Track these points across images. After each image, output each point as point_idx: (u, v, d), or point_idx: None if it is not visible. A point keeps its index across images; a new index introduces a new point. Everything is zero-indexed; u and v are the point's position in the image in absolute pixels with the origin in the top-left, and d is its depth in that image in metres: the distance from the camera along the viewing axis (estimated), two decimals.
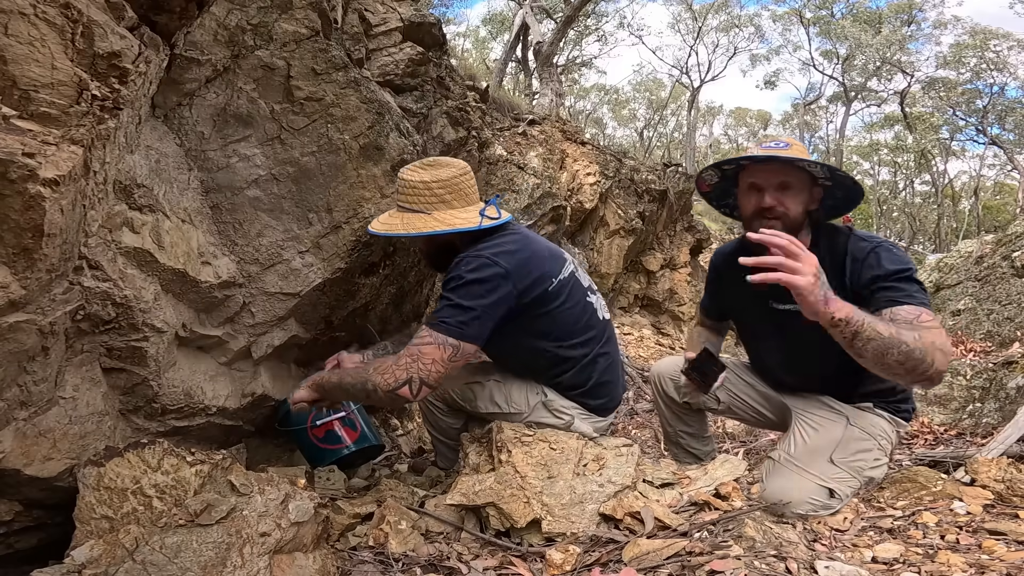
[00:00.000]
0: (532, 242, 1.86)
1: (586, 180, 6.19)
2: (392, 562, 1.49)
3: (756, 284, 1.48)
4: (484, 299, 1.67)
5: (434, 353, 1.64)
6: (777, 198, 1.75)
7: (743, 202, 1.85)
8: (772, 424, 2.14)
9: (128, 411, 1.77)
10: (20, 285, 1.17)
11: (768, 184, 1.76)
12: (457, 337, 1.65)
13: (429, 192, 1.79)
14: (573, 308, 1.87)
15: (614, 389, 2.03)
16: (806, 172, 1.77)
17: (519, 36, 14.23)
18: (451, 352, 1.65)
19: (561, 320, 1.85)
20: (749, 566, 1.20)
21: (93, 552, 1.24)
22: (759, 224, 1.79)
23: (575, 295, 1.89)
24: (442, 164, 1.85)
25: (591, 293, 1.99)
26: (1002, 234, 6.23)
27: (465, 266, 1.69)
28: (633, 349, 6.11)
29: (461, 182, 1.83)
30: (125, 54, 1.20)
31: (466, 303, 1.66)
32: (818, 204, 1.83)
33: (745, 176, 1.84)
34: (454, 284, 1.69)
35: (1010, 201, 25.88)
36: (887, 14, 21.63)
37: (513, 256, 1.73)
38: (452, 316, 1.66)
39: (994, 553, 1.33)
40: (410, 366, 1.64)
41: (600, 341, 1.95)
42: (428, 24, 3.26)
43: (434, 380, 1.66)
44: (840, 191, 1.84)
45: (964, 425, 3.05)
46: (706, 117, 32.34)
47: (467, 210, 1.82)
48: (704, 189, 2.01)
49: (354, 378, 1.73)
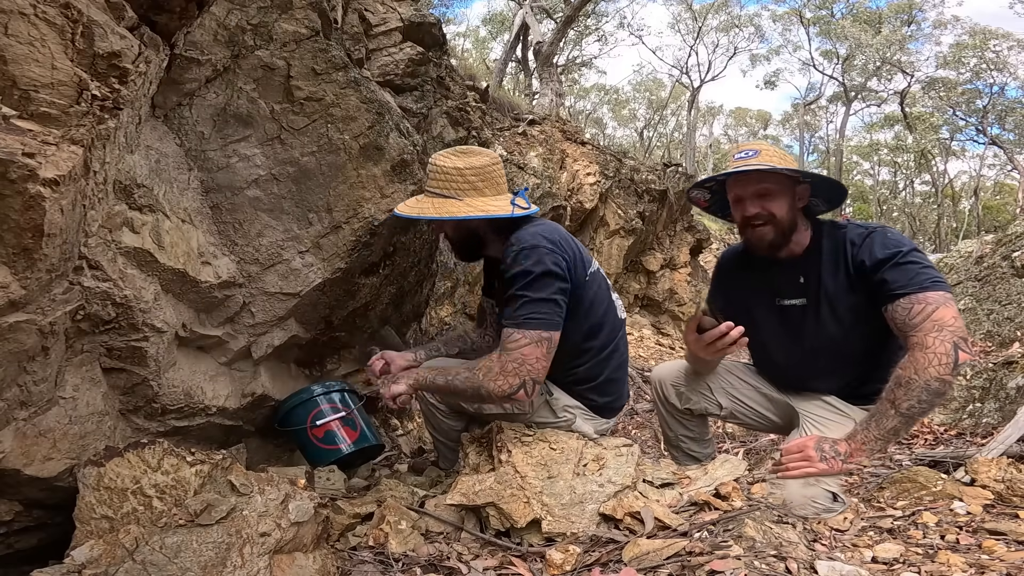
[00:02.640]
0: (564, 231, 1.91)
1: (586, 180, 6.19)
2: (392, 562, 1.49)
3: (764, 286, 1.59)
4: (555, 286, 1.73)
5: (535, 352, 1.70)
6: (759, 205, 1.80)
7: (734, 214, 1.92)
8: (776, 427, 2.13)
9: (128, 411, 1.77)
10: (20, 285, 1.17)
11: (747, 194, 1.81)
12: (548, 328, 1.71)
13: (462, 179, 1.81)
14: (601, 301, 1.92)
15: (622, 388, 2.04)
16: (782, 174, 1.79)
17: (519, 36, 14.24)
18: (547, 345, 1.71)
19: (592, 309, 1.87)
20: (749, 566, 1.20)
21: (93, 552, 1.24)
22: (751, 232, 1.84)
23: (603, 289, 1.95)
24: (475, 152, 1.88)
25: (612, 291, 2.04)
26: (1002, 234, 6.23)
27: (525, 260, 1.72)
28: (633, 349, 6.12)
29: (493, 171, 1.85)
30: (125, 54, 1.20)
31: (543, 295, 1.71)
32: (807, 200, 1.86)
33: (729, 189, 1.90)
34: (524, 280, 1.72)
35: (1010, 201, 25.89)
36: (887, 14, 21.64)
37: (559, 245, 1.78)
38: (536, 311, 1.70)
39: (994, 553, 1.33)
40: (519, 370, 1.69)
41: (615, 339, 1.98)
42: (428, 24, 3.26)
43: (542, 376, 1.73)
44: (824, 183, 1.86)
45: (964, 425, 3.05)
46: (706, 117, 32.35)
47: (498, 199, 1.84)
48: (703, 206, 2.08)
49: (465, 384, 1.76)
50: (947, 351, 1.48)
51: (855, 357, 1.85)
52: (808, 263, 1.85)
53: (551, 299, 1.71)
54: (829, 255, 1.82)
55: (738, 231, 1.93)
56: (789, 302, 1.90)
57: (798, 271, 1.87)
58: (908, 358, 1.53)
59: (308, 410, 2.25)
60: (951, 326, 1.51)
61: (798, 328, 1.90)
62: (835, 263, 1.80)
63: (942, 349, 1.48)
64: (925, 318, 1.53)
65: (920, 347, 1.50)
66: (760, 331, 2.05)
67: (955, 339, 1.50)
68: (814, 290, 1.84)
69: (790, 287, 1.89)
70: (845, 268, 1.76)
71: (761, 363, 2.12)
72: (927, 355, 1.49)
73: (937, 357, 1.48)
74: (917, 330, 1.53)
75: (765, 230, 1.81)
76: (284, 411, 2.27)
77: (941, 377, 1.48)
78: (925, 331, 1.51)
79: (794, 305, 1.89)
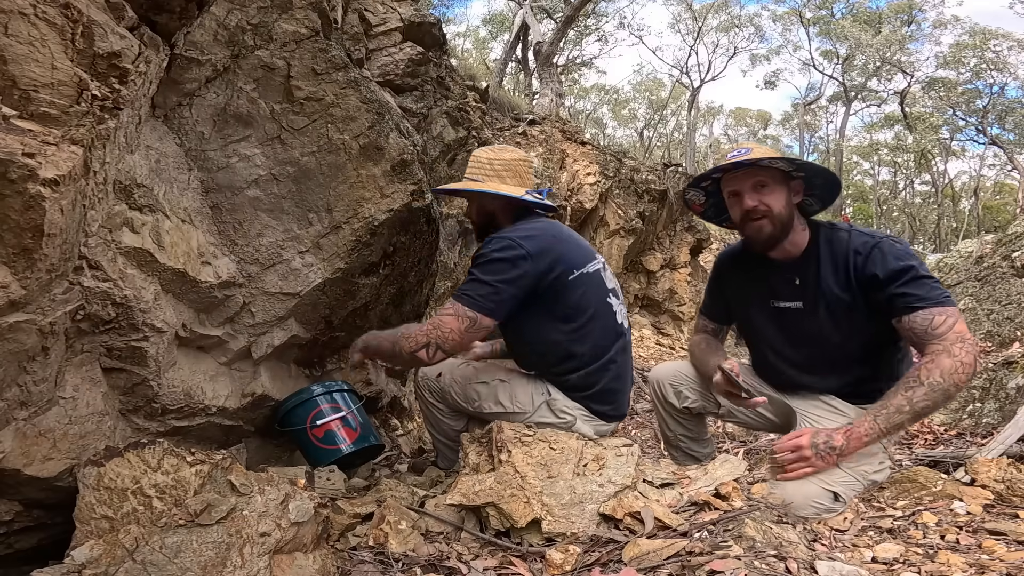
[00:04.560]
0: (560, 232, 1.97)
1: (586, 180, 6.19)
2: (392, 562, 1.49)
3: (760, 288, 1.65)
4: (503, 275, 1.79)
5: (452, 323, 1.79)
6: (757, 198, 1.81)
7: (731, 211, 1.93)
8: (774, 426, 2.13)
9: (128, 411, 1.77)
10: (20, 285, 1.17)
11: (744, 187, 1.83)
12: (475, 309, 1.79)
13: (489, 166, 2.01)
14: (590, 303, 1.92)
15: (621, 398, 2.03)
16: (777, 168, 1.82)
17: (519, 36, 14.24)
18: (468, 324, 1.79)
19: (578, 310, 1.90)
20: (749, 566, 1.20)
21: (93, 552, 1.24)
22: (749, 227, 1.84)
23: (596, 292, 1.95)
24: (508, 149, 2.10)
25: (613, 296, 2.02)
26: (1002, 234, 6.23)
27: (492, 245, 1.83)
28: (633, 349, 6.11)
29: (519, 166, 2.03)
30: (125, 54, 1.20)
31: (486, 278, 1.79)
32: (802, 196, 1.88)
33: (724, 187, 1.91)
34: (480, 261, 1.83)
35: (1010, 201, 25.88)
36: (887, 14, 21.64)
37: (536, 240, 1.84)
38: (473, 290, 1.80)
39: (994, 553, 1.33)
40: (430, 333, 1.80)
41: (613, 347, 1.98)
42: (428, 24, 3.26)
43: (449, 347, 1.82)
44: (817, 179, 1.88)
45: (964, 425, 3.05)
46: (706, 117, 32.35)
47: (517, 189, 2.00)
48: (697, 210, 2.09)
49: (387, 339, 1.91)
50: (971, 361, 1.59)
51: (852, 359, 1.86)
52: (805, 266, 1.86)
53: (493, 284, 1.78)
54: (828, 259, 1.82)
55: (737, 228, 1.93)
56: (784, 304, 1.90)
57: (794, 274, 1.87)
58: (933, 363, 1.59)
59: (308, 410, 2.25)
60: (971, 339, 1.62)
61: (794, 330, 1.90)
62: (835, 268, 1.80)
63: (968, 359, 1.58)
64: (948, 329, 1.61)
65: (947, 354, 1.59)
66: (757, 332, 2.06)
67: (976, 351, 1.62)
68: (811, 293, 1.84)
69: (786, 289, 1.90)
70: (847, 275, 1.77)
71: (758, 364, 2.12)
72: (954, 362, 1.57)
73: (963, 365, 1.58)
74: (942, 339, 1.61)
75: (763, 223, 1.82)
76: (284, 411, 2.27)
77: (961, 384, 1.59)
78: (951, 341, 1.60)
79: (789, 307, 1.90)
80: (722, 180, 1.91)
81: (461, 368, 2.16)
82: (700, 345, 2.17)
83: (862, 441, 1.63)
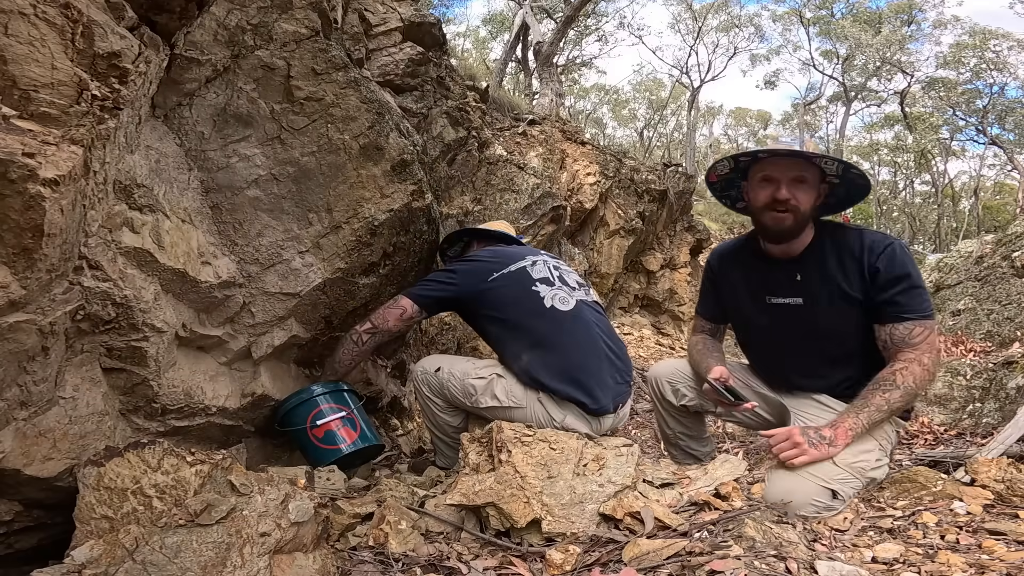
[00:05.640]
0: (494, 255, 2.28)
1: (586, 180, 6.19)
2: (392, 562, 1.49)
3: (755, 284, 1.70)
4: (440, 278, 2.26)
5: (390, 308, 2.23)
6: (791, 191, 1.78)
7: (755, 194, 1.87)
8: (769, 425, 2.13)
9: (128, 411, 1.77)
10: (20, 285, 1.17)
11: (784, 176, 1.80)
12: (408, 297, 2.22)
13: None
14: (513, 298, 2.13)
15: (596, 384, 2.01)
16: (818, 169, 1.81)
17: (519, 36, 14.24)
18: (400, 310, 2.22)
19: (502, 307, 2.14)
20: (749, 566, 1.20)
21: (93, 552, 1.24)
22: (769, 216, 1.81)
23: (517, 286, 2.15)
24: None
25: (543, 284, 2.14)
26: (1002, 234, 6.23)
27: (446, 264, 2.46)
28: (633, 349, 6.12)
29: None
30: (125, 54, 1.20)
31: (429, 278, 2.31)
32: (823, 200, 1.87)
33: (758, 169, 1.86)
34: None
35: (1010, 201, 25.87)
36: (887, 14, 21.63)
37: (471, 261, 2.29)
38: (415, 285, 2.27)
39: (994, 553, 1.33)
40: (373, 315, 2.25)
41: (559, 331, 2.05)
42: (428, 24, 3.26)
43: (380, 326, 2.22)
44: (842, 189, 1.87)
45: (964, 425, 3.05)
46: (706, 117, 32.34)
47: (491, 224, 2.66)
48: (713, 179, 2.04)
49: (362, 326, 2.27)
50: (935, 370, 1.77)
51: (848, 356, 1.86)
52: (806, 263, 1.85)
53: (428, 282, 2.26)
54: (834, 255, 1.81)
55: (753, 214, 1.90)
56: (782, 300, 1.90)
57: (794, 270, 1.87)
58: (907, 369, 1.72)
59: (308, 410, 2.25)
60: (939, 349, 1.80)
61: (790, 327, 1.90)
62: (842, 263, 1.80)
63: (934, 369, 1.76)
64: (923, 340, 1.75)
65: (919, 363, 1.72)
66: (751, 330, 2.06)
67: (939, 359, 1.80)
68: (812, 290, 1.84)
69: (785, 286, 1.89)
70: (859, 270, 1.77)
71: (754, 361, 2.12)
72: (923, 371, 1.73)
73: (930, 374, 1.75)
74: (915, 348, 1.74)
75: (786, 216, 1.79)
76: (284, 411, 2.27)
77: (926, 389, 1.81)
78: (923, 351, 1.74)
79: (787, 304, 1.90)
80: (757, 162, 1.87)
81: (460, 363, 2.17)
82: (697, 346, 2.17)
83: (848, 435, 1.67)
